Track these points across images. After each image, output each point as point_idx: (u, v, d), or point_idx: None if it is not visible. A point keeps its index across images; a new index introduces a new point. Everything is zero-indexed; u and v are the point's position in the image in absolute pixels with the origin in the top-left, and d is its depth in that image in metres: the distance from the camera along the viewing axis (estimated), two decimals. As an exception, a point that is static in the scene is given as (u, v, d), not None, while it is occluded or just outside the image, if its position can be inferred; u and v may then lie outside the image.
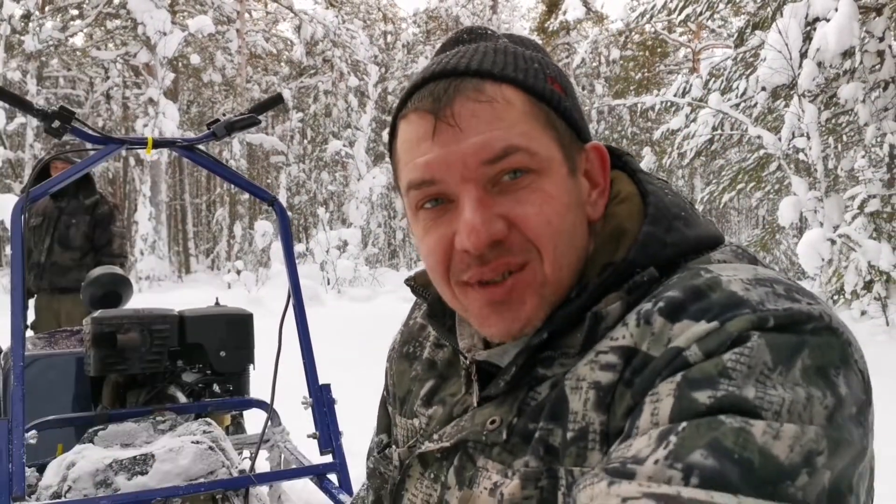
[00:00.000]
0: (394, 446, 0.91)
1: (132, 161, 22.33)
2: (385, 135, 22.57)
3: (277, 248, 15.84)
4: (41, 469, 1.75)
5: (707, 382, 0.57)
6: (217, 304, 2.34)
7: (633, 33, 25.19)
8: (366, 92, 22.96)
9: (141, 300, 3.62)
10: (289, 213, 2.10)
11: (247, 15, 24.44)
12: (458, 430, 0.76)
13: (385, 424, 0.97)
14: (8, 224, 4.44)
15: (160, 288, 17.06)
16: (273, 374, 1.85)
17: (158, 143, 2.05)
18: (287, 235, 2.10)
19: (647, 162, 14.07)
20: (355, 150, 20.35)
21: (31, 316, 4.53)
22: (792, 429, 0.54)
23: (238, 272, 14.69)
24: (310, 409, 1.91)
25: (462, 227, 0.70)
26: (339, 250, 14.64)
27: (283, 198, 19.76)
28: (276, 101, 2.21)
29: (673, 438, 0.55)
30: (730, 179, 13.38)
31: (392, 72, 27.20)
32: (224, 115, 2.18)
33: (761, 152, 11.51)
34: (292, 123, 24.81)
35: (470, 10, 25.30)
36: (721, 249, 0.72)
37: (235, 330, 2.17)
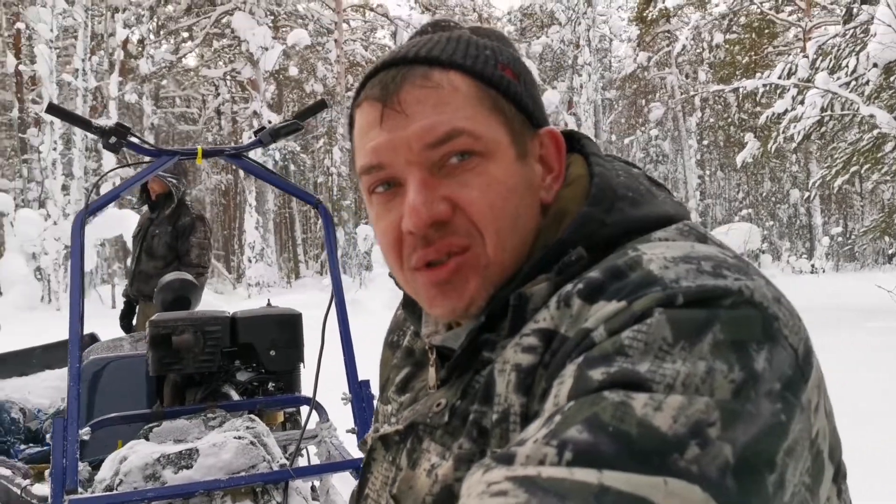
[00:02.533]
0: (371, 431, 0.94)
1: (241, 173, 23.29)
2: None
3: (378, 252, 16.16)
4: (100, 464, 1.87)
5: (603, 360, 0.57)
6: (269, 304, 2.43)
7: (738, 15, 24.27)
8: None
9: (247, 306, 3.79)
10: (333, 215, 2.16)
11: (345, 25, 25.05)
12: (412, 413, 0.78)
13: (377, 416, 0.99)
14: (127, 237, 4.69)
15: (269, 293, 17.72)
16: (316, 371, 1.90)
17: (208, 153, 2.15)
18: (330, 237, 2.16)
19: (749, 149, 13.52)
20: (452, 152, 20.53)
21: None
22: (677, 400, 0.52)
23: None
24: (349, 405, 1.97)
25: (406, 208, 0.71)
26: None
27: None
28: (320, 107, 2.27)
29: (557, 417, 0.54)
30: (843, 162, 12.68)
31: (488, 71, 27.21)
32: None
33: (875, 132, 10.87)
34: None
35: (564, 5, 25.03)
36: (668, 228, 0.71)
37: (285, 329, 2.25)
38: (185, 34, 24.73)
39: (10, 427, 4.39)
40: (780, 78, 11.86)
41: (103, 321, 8.21)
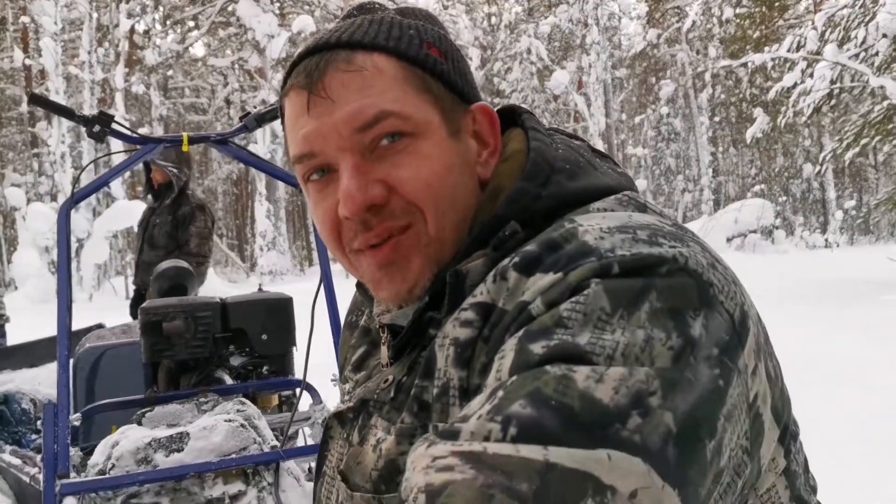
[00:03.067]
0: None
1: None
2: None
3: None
4: (92, 450, 1.89)
5: (543, 334, 0.57)
6: (260, 290, 2.44)
7: (748, -11, 24.00)
8: (469, 75, 23.03)
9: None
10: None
11: (350, 10, 24.99)
12: (363, 390, 0.78)
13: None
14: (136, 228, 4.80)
15: (282, 281, 17.79)
16: (306, 354, 1.91)
17: (193, 140, 2.15)
18: (318, 220, 2.16)
19: (759, 124, 13.40)
20: (461, 135, 20.51)
21: None
22: (618, 371, 0.53)
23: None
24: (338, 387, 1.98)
25: (341, 194, 0.71)
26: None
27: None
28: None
29: (500, 392, 0.55)
30: (854, 135, 12.54)
31: (496, 53, 27.10)
32: (254, 108, 2.26)
33: (885, 103, 10.74)
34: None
35: (572, -17, 24.79)
36: (606, 199, 0.70)
37: (276, 314, 2.27)
38: (191, 23, 24.74)
39: (20, 417, 4.46)
40: (788, 51, 11.73)
41: (117, 312, 8.28)
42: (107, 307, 12.86)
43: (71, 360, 1.97)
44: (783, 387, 0.67)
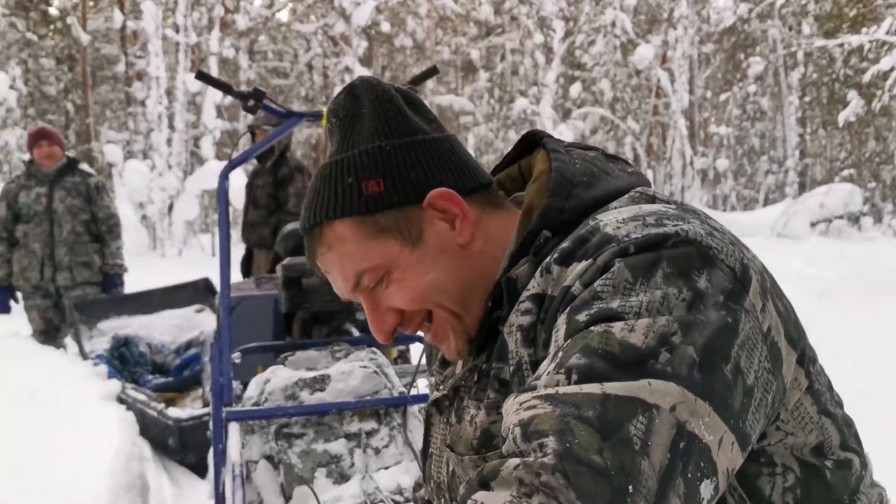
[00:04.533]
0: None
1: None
2: (572, 89, 22.25)
3: (466, 206, 16.37)
4: (246, 384, 2.17)
5: (585, 306, 0.75)
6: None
7: (847, -36, 23.04)
8: (552, 48, 22.85)
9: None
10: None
11: (436, -21, 25.00)
12: (454, 380, 0.98)
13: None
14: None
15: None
16: (429, 312, 2.14)
17: (332, 115, 2.38)
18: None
19: (853, 107, 13.02)
20: (541, 107, 20.43)
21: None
22: (644, 321, 0.71)
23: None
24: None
25: (370, 325, 0.96)
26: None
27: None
28: (431, 73, 2.47)
29: (560, 354, 0.74)
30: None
31: (580, 25, 26.79)
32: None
33: None
34: (480, 83, 25.25)
35: (661, -45, 24.22)
36: (621, 198, 0.89)
37: (400, 274, 2.50)
38: (280, -12, 25.20)
39: (138, 359, 4.86)
40: (887, 33, 11.36)
41: (205, 267, 8.71)
42: (196, 262, 13.47)
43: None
44: (796, 320, 0.84)
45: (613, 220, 0.81)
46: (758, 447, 0.79)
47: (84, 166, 5.23)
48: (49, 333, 5.08)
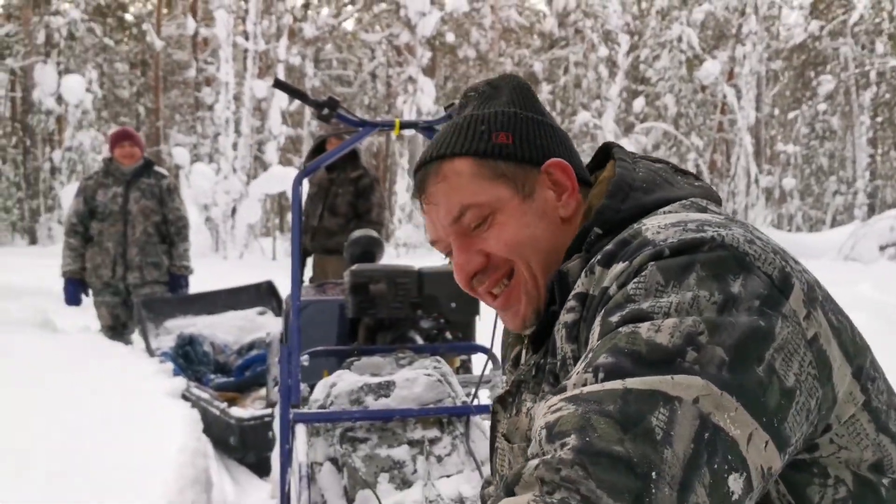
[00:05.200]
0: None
1: (393, 136, 23.99)
2: (635, 104, 22.04)
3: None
4: (312, 387, 2.21)
5: (618, 307, 0.78)
6: (450, 263, 2.70)
7: (926, -18, 22.35)
8: (616, 61, 22.68)
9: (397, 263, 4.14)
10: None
11: (501, -10, 25.07)
12: (516, 376, 1.02)
13: None
14: (289, 194, 5.20)
15: (416, 254, 18.33)
16: (494, 322, 2.15)
17: (404, 125, 2.42)
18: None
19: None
20: (603, 121, 20.29)
21: (309, 272, 5.30)
22: (671, 321, 0.73)
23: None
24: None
25: (454, 266, 1.00)
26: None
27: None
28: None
29: (590, 354, 0.76)
30: None
31: (644, 39, 26.54)
32: (455, 99, 2.50)
33: None
34: (542, 95, 25.21)
35: (731, -30, 23.82)
36: (673, 204, 0.92)
37: (465, 285, 2.52)
38: (347, -1, 25.60)
39: (202, 358, 4.97)
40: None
41: (265, 271, 8.86)
42: (256, 265, 13.73)
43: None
44: (855, 336, 0.83)
45: (655, 224, 0.84)
46: (810, 458, 0.79)
47: (159, 168, 5.41)
48: (116, 329, 5.25)
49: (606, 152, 1.06)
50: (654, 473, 0.65)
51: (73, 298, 5.21)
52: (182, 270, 5.34)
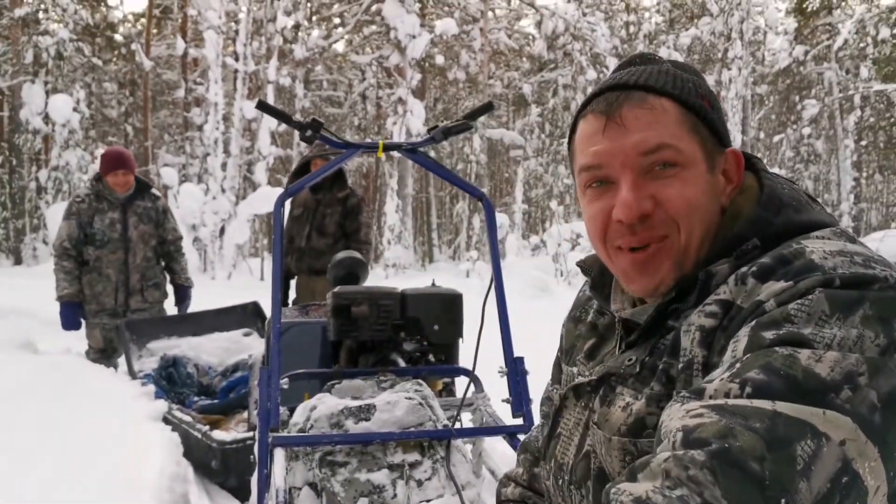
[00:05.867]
0: (556, 388, 1.16)
1: (383, 157, 24.00)
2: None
3: (512, 241, 16.37)
4: (292, 410, 2.19)
5: (773, 325, 0.76)
6: (433, 284, 2.70)
7: (909, 8, 22.68)
8: (604, 84, 22.81)
9: (385, 285, 4.13)
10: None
11: (490, 13, 25.27)
12: (603, 368, 0.99)
13: (556, 377, 1.20)
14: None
15: (405, 275, 18.29)
16: (475, 346, 2.14)
17: (388, 147, 2.42)
18: (492, 227, 2.39)
19: (912, 152, 12.72)
20: (591, 144, 20.37)
21: (293, 294, 5.27)
22: (834, 355, 0.71)
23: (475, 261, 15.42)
24: (505, 378, 2.20)
25: (619, 202, 0.93)
26: (571, 243, 14.85)
27: (519, 191, 20.34)
28: (487, 108, 2.49)
29: (737, 365, 0.74)
30: None
31: (632, 63, 26.70)
32: (441, 121, 2.50)
33: None
34: (531, 118, 25.34)
35: (717, -5, 24.13)
36: (824, 230, 0.89)
37: (447, 307, 2.51)
38: (337, 20, 25.73)
39: (185, 380, 4.92)
40: (951, 78, 11.12)
41: (253, 292, 8.79)
42: (244, 286, 13.65)
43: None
44: None
45: (820, 249, 0.82)
46: None
47: (154, 190, 5.33)
48: (106, 353, 5.16)
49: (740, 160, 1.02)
50: (783, 500, 0.64)
51: (71, 323, 5.08)
52: (187, 282, 5.43)
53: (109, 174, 5.01)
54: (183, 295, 5.42)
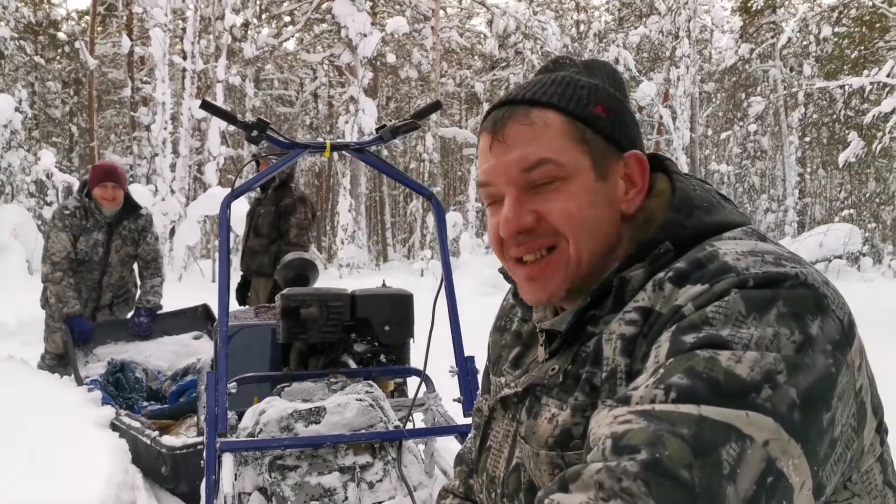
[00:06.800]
0: (485, 398, 1.16)
1: (335, 156, 23.85)
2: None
3: (466, 239, 16.41)
4: (241, 415, 2.16)
5: (693, 328, 0.77)
6: (384, 285, 2.69)
7: (849, 8, 23.32)
8: (555, 83, 22.99)
9: (340, 285, 4.09)
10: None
11: (441, 12, 25.28)
12: (528, 378, 0.99)
13: (486, 387, 1.20)
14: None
15: (359, 275, 18.20)
16: (426, 346, 2.13)
17: (335, 147, 2.40)
18: (442, 226, 2.39)
19: (853, 148, 13.10)
20: (544, 141, 20.53)
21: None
22: (753, 355, 0.72)
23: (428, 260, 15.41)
24: (456, 378, 2.20)
25: (500, 218, 0.95)
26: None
27: (472, 190, 20.39)
28: (435, 108, 2.49)
29: (661, 371, 0.75)
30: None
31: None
32: (392, 120, 2.49)
33: None
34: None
35: (664, -6, 24.50)
36: (735, 231, 0.90)
37: (398, 307, 2.50)
38: (287, 18, 25.48)
39: (134, 385, 4.82)
40: (888, 76, 11.46)
41: (204, 293, 8.66)
42: (195, 287, 13.42)
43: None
44: (875, 389, 0.84)
45: (732, 250, 0.83)
46: (824, 502, 0.79)
47: (143, 210, 5.11)
48: (64, 359, 5.03)
49: (653, 161, 1.03)
50: None
51: (86, 334, 4.90)
52: (146, 303, 5.10)
53: (97, 186, 4.81)
54: (137, 314, 5.12)
